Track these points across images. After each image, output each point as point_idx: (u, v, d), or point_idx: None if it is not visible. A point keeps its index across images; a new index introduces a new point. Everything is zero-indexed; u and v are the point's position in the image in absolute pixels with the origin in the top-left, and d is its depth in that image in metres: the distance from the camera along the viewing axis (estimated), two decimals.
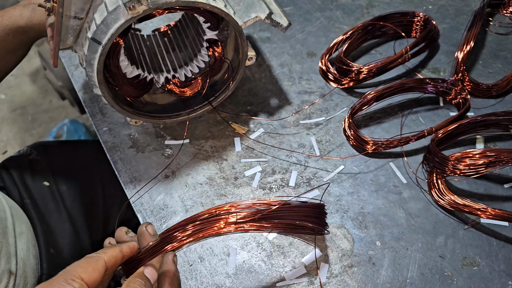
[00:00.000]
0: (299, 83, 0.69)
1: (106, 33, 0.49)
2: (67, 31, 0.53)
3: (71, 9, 0.50)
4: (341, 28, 0.77)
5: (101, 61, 0.51)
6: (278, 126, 0.64)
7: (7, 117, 1.90)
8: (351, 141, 0.62)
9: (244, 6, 0.58)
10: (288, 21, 0.58)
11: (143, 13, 0.48)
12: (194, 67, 0.65)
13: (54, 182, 0.80)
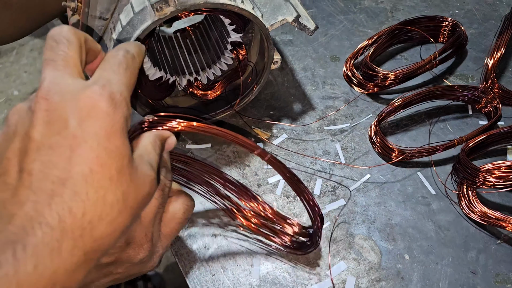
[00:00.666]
0: (323, 88, 0.68)
1: (132, 35, 0.48)
2: (92, 32, 0.51)
3: (97, 9, 0.49)
4: (365, 32, 0.75)
5: None
6: (302, 132, 0.63)
7: None
8: (377, 149, 0.60)
9: (270, 8, 0.56)
10: (315, 24, 0.57)
11: (170, 15, 0.47)
12: (217, 70, 0.63)
13: None
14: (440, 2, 0.79)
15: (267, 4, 0.57)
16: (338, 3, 0.80)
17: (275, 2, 0.57)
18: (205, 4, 0.47)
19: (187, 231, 0.54)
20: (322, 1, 0.81)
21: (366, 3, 0.80)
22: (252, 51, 0.63)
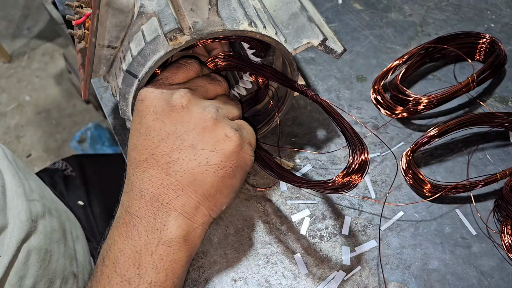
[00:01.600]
0: (349, 112, 0.63)
1: (144, 66, 0.44)
2: (100, 61, 0.47)
3: (105, 37, 0.45)
4: (393, 48, 0.70)
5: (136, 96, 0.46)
6: (327, 162, 0.58)
7: (32, 120, 1.87)
8: (410, 182, 0.55)
9: (294, 30, 0.52)
10: (343, 47, 0.52)
11: (185, 44, 0.42)
12: (235, 94, 0.59)
13: (88, 202, 0.78)
14: (474, 15, 0.74)
15: (290, 25, 0.52)
16: (363, 17, 0.75)
17: (298, 22, 0.52)
18: (223, 32, 0.43)
19: (204, 275, 0.50)
20: (346, 14, 0.76)
21: (393, 16, 0.75)
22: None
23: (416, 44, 0.70)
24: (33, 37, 2.17)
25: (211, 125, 0.42)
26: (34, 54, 2.11)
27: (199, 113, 0.42)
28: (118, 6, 0.43)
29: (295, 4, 0.53)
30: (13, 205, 0.57)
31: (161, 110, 0.42)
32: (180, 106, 0.42)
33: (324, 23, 0.54)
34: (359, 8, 0.76)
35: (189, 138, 0.42)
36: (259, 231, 0.53)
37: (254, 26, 0.44)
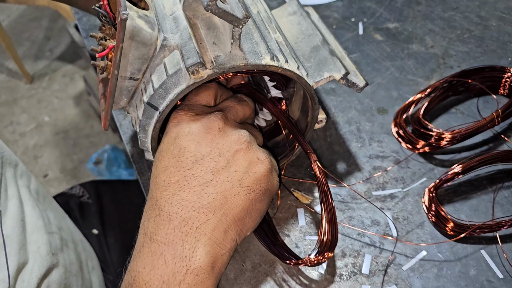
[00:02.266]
0: (370, 145, 0.62)
1: (165, 99, 0.44)
2: (121, 92, 0.47)
3: (128, 69, 0.45)
4: (415, 80, 0.69)
5: (157, 128, 0.45)
6: (347, 197, 0.57)
7: (50, 140, 1.90)
8: (433, 220, 0.54)
9: (315, 63, 0.51)
10: (365, 81, 0.51)
11: (207, 78, 0.42)
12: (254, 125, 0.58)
13: (103, 231, 0.77)
14: (497, 48, 0.72)
15: (312, 58, 0.52)
16: (384, 48, 0.75)
17: (320, 55, 0.52)
18: (245, 66, 0.43)
19: None
20: (367, 45, 0.75)
21: (414, 47, 0.74)
22: (294, 106, 0.57)
23: (438, 77, 0.69)
24: (54, 58, 2.22)
25: (245, 148, 0.43)
26: (55, 76, 2.15)
27: (234, 135, 0.43)
28: (142, 40, 0.43)
29: (317, 37, 0.53)
30: (33, 240, 0.56)
31: (197, 131, 0.43)
32: (217, 128, 0.43)
33: (345, 56, 0.53)
34: (380, 39, 0.76)
35: (224, 160, 0.42)
36: (277, 267, 0.51)
37: (276, 60, 0.44)
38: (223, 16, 0.39)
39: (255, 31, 0.46)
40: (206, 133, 0.43)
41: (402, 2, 0.83)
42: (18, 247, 0.54)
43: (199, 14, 0.46)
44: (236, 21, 0.39)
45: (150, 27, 0.43)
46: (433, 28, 0.77)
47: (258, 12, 0.51)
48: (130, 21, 0.41)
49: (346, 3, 0.84)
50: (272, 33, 0.49)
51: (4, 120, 1.98)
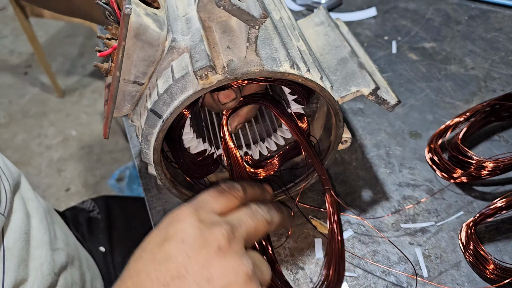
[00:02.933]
0: (400, 172, 0.55)
1: (169, 106, 0.39)
2: (124, 97, 0.43)
3: (131, 72, 0.41)
4: (452, 103, 0.63)
5: (160, 139, 0.41)
6: (372, 228, 0.50)
7: (75, 155, 1.90)
8: (470, 260, 0.46)
9: (342, 76, 0.46)
10: (397, 98, 0.46)
11: (217, 84, 0.37)
12: (271, 144, 0.53)
13: (110, 249, 0.73)
14: None
15: (338, 71, 0.47)
16: (419, 68, 0.69)
17: (348, 68, 0.46)
18: (261, 73, 0.38)
19: None
20: (400, 64, 0.70)
21: (453, 68, 0.68)
22: (316, 124, 0.52)
23: (479, 100, 0.62)
24: (86, 74, 2.25)
25: (241, 283, 0.34)
26: (85, 91, 2.17)
27: (234, 262, 0.35)
28: (148, 39, 0.39)
29: (345, 48, 0.48)
30: (36, 255, 0.53)
31: (192, 242, 0.35)
32: (216, 246, 0.35)
33: (376, 71, 0.48)
34: (415, 59, 0.70)
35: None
36: None
37: (297, 69, 0.39)
38: (237, 15, 0.34)
39: (276, 36, 0.42)
40: (202, 248, 0.35)
41: (440, 21, 0.77)
42: (18, 262, 0.50)
43: (215, 17, 0.42)
44: (252, 21, 0.35)
45: (158, 26, 0.39)
46: (474, 49, 0.71)
47: (280, 18, 0.46)
48: (136, 18, 0.37)
49: (379, 21, 0.79)
50: (294, 40, 0.44)
51: (32, 132, 2.00)
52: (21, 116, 2.08)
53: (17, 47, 2.40)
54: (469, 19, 0.77)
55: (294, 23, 0.49)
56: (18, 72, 2.30)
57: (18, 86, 2.22)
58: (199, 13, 0.42)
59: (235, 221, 0.38)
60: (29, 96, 2.18)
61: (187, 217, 0.36)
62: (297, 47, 0.43)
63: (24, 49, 2.36)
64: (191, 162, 0.48)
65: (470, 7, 0.80)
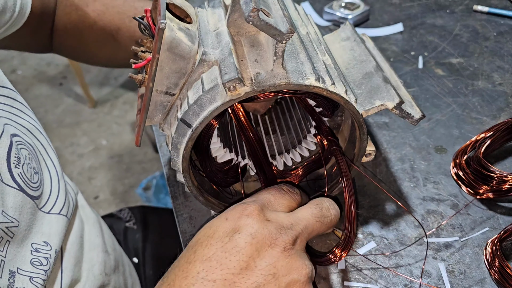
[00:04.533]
0: (424, 186, 0.55)
1: (199, 115, 0.41)
2: (156, 107, 0.45)
3: (164, 83, 0.43)
4: (479, 119, 0.63)
5: (189, 147, 0.43)
6: (395, 241, 0.50)
7: (105, 163, 1.95)
8: (495, 277, 0.46)
9: (366, 90, 0.47)
10: (422, 113, 0.46)
11: (244, 96, 0.39)
12: (296, 155, 0.54)
13: (143, 261, 0.75)
14: None
15: (363, 85, 0.48)
16: (445, 83, 0.69)
17: (372, 82, 0.47)
18: (287, 85, 0.39)
19: None
20: (426, 80, 0.70)
21: (480, 84, 0.68)
22: (340, 137, 0.53)
23: (507, 116, 0.62)
24: (118, 86, 2.32)
25: (304, 282, 0.38)
26: (116, 102, 2.24)
27: (299, 262, 0.38)
28: (180, 52, 0.41)
29: (370, 63, 0.49)
30: (88, 257, 0.57)
31: (262, 239, 0.37)
32: (283, 246, 0.38)
33: (401, 85, 0.49)
34: (442, 74, 0.70)
35: (275, 283, 0.36)
36: None
37: (322, 82, 0.40)
38: (265, 29, 0.36)
39: (302, 51, 0.43)
40: (270, 246, 0.37)
41: (468, 37, 0.77)
42: (74, 263, 0.54)
43: (244, 32, 0.43)
44: (279, 36, 0.36)
45: (190, 40, 0.41)
46: (502, 65, 0.71)
47: (307, 33, 0.48)
48: (170, 32, 0.40)
49: (406, 37, 0.80)
50: (320, 54, 0.45)
51: (65, 141, 2.07)
52: (55, 125, 2.16)
53: (54, 59, 2.50)
54: (498, 35, 0.77)
55: (320, 38, 0.50)
56: (54, 83, 2.40)
57: (54, 97, 2.31)
58: (228, 28, 0.43)
59: (302, 223, 0.40)
60: (64, 106, 2.26)
61: (255, 214, 0.39)
62: (323, 61, 0.44)
63: (61, 61, 2.46)
64: (218, 170, 0.50)
65: (499, 23, 0.79)
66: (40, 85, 2.38)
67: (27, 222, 0.47)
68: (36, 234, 0.49)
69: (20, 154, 0.48)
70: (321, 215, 0.42)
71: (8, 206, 0.44)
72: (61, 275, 0.52)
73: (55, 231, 0.51)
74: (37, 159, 0.52)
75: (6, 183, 0.45)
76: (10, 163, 0.46)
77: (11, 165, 0.46)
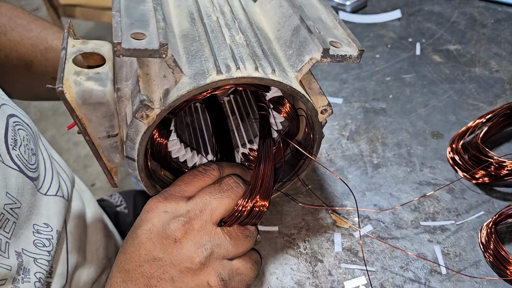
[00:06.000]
0: (420, 171, 0.56)
1: (134, 149, 0.40)
2: (109, 151, 0.44)
3: (100, 130, 0.42)
4: (476, 105, 0.63)
5: (144, 177, 0.43)
6: (391, 225, 0.51)
7: None
8: (490, 260, 0.47)
9: (297, 47, 0.43)
10: (359, 47, 0.41)
11: (157, 118, 0.38)
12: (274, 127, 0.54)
13: None
14: None
15: (293, 43, 0.44)
16: (442, 70, 0.69)
17: (300, 37, 0.43)
18: (189, 93, 0.37)
19: None
20: (424, 66, 0.70)
21: (477, 71, 0.68)
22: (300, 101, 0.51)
23: (503, 103, 0.62)
24: None
25: (196, 269, 0.40)
26: None
27: (189, 251, 0.40)
28: (96, 100, 0.39)
29: (296, 15, 0.45)
30: (92, 241, 0.58)
31: (156, 232, 0.40)
32: (172, 238, 0.40)
33: (337, 24, 0.44)
34: (439, 61, 0.71)
35: (171, 272, 0.40)
36: None
37: (227, 71, 0.38)
38: (139, 55, 0.34)
39: (206, 45, 0.41)
40: (163, 239, 0.40)
41: (466, 24, 0.77)
42: (78, 245, 0.56)
43: None
44: (155, 53, 0.34)
45: (101, 84, 0.39)
46: (499, 52, 0.71)
47: (217, 18, 0.46)
48: (78, 87, 0.38)
49: (403, 23, 0.80)
50: (231, 37, 0.43)
51: (61, 129, 2.06)
52: (51, 113, 2.14)
53: None
54: (495, 22, 0.77)
55: (238, 14, 0.48)
56: None
57: None
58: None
59: (199, 204, 0.42)
60: None
61: (155, 209, 0.42)
62: (230, 46, 0.42)
63: None
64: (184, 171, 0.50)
65: (497, 10, 0.79)
66: None
67: (28, 203, 0.48)
68: (37, 215, 0.49)
69: (17, 136, 0.48)
70: (219, 191, 0.43)
71: (11, 188, 0.45)
72: (67, 257, 0.53)
73: (54, 212, 0.51)
74: (36, 140, 0.52)
75: (7, 164, 0.45)
76: (8, 144, 0.46)
77: (9, 146, 0.46)
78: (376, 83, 0.69)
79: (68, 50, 0.41)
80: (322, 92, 0.45)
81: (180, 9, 0.46)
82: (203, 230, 0.41)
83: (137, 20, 0.36)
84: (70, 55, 0.41)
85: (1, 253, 0.44)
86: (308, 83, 0.46)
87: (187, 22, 0.44)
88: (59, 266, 0.52)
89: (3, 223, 0.44)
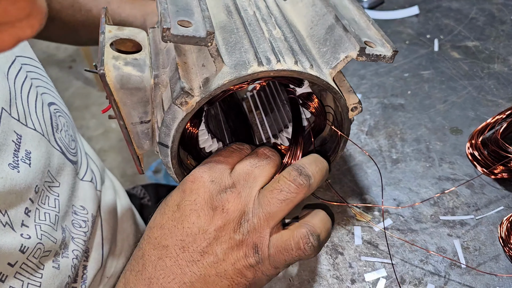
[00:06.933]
0: (439, 166, 0.56)
1: (169, 136, 0.41)
2: (140, 137, 0.45)
3: (134, 115, 0.42)
4: (495, 101, 0.63)
5: (175, 164, 0.43)
6: (411, 219, 0.52)
7: (114, 146, 1.97)
8: (510, 255, 0.47)
9: (331, 45, 0.44)
10: (393, 48, 0.43)
11: (197, 106, 0.38)
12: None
13: None
14: None
15: (327, 41, 0.45)
16: (461, 66, 0.69)
17: (335, 35, 0.44)
18: (230, 82, 0.38)
19: None
20: (442, 62, 0.70)
21: (496, 67, 0.68)
22: (328, 98, 0.52)
23: None
24: None
25: (239, 240, 0.39)
26: None
27: (235, 222, 0.39)
28: (133, 85, 0.40)
29: (330, 14, 0.46)
30: (123, 228, 0.60)
31: (203, 203, 0.39)
32: (220, 209, 0.39)
33: (370, 24, 0.46)
34: (457, 57, 0.71)
35: (216, 244, 0.39)
36: (326, 286, 0.47)
37: (267, 64, 0.39)
38: (185, 42, 0.35)
39: (245, 37, 0.42)
40: (210, 210, 0.39)
41: (484, 20, 0.77)
42: (112, 232, 0.58)
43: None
44: (201, 42, 0.35)
45: (139, 70, 0.40)
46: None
47: (254, 12, 0.46)
48: (116, 72, 0.39)
49: (422, 19, 0.80)
50: (267, 32, 0.44)
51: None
52: None
53: None
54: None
55: (273, 9, 0.49)
56: (64, 66, 2.41)
57: (63, 80, 2.32)
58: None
59: (240, 177, 0.41)
60: (73, 89, 2.27)
61: (200, 178, 0.40)
62: (269, 39, 0.42)
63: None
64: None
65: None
66: (50, 68, 2.39)
67: (68, 184, 0.50)
68: (75, 197, 0.52)
69: (58, 121, 0.51)
70: (258, 160, 0.43)
71: (53, 167, 0.48)
72: (102, 242, 0.55)
73: (89, 196, 0.54)
74: (74, 128, 0.55)
75: (52, 145, 0.48)
76: (53, 127, 0.49)
77: (53, 128, 0.49)
78: (395, 79, 0.69)
79: (106, 35, 0.41)
80: (353, 90, 0.46)
81: (216, 1, 0.47)
82: (250, 199, 0.40)
83: (182, 9, 0.37)
84: (108, 39, 0.41)
85: (52, 225, 0.46)
86: (339, 81, 0.47)
87: (223, 14, 0.45)
88: (94, 251, 0.54)
89: (44, 199, 0.46)
